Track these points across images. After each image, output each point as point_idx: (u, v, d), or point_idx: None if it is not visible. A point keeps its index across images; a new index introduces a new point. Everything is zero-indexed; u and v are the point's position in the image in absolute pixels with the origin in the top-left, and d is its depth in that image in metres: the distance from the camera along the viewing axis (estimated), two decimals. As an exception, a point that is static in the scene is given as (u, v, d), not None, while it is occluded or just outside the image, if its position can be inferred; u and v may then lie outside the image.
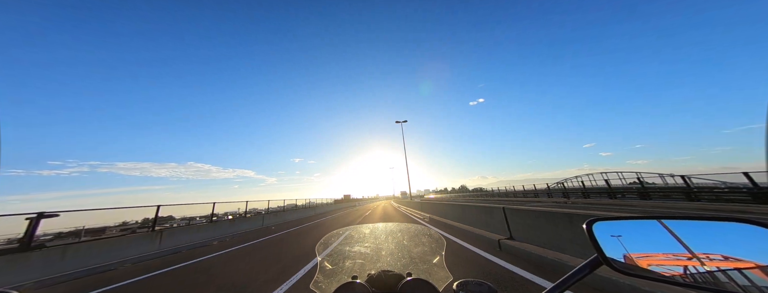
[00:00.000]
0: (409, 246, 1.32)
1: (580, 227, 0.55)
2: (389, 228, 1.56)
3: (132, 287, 4.67)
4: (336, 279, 1.11)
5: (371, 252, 1.33)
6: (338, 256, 1.29)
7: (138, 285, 4.78)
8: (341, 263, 1.23)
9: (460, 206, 9.43)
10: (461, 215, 8.80)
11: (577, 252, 3.74)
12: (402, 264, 1.19)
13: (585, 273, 0.55)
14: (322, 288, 1.05)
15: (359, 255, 1.30)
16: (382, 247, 1.36)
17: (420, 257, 1.22)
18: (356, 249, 1.36)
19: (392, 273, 0.97)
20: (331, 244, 1.38)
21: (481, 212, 7.22)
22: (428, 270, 1.13)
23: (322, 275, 1.13)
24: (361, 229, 1.59)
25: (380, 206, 36.37)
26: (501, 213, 5.88)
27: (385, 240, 1.43)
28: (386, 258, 1.26)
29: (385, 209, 25.54)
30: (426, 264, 1.18)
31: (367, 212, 22.05)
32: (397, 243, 1.37)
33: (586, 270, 0.55)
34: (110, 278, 5.40)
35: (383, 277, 0.95)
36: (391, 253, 1.29)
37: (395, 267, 1.12)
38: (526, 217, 5.02)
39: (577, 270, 0.56)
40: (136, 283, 4.89)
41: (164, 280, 4.93)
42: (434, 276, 1.07)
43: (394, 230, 1.53)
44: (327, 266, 1.20)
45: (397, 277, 0.95)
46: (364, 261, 1.24)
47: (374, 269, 1.09)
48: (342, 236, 1.50)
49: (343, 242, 1.43)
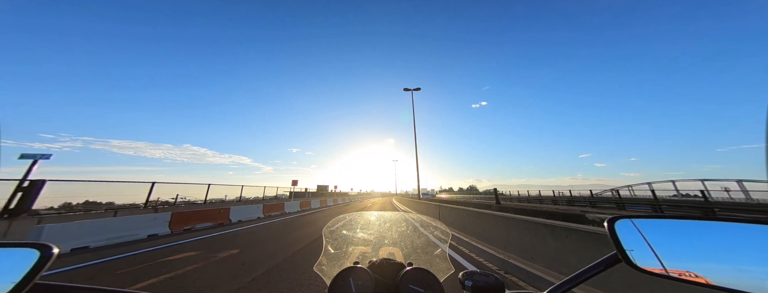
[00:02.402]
0: (412, 236, 1.33)
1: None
2: (394, 216, 1.58)
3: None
4: (338, 263, 1.13)
5: (374, 239, 1.34)
6: (342, 241, 1.30)
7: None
8: (345, 248, 1.25)
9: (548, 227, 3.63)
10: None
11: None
12: (404, 254, 1.20)
13: (599, 269, 0.55)
14: (325, 270, 1.07)
15: (362, 242, 1.31)
16: (385, 235, 1.37)
17: (422, 248, 1.24)
18: (360, 236, 1.37)
19: (393, 262, 0.98)
20: (337, 229, 1.41)
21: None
22: (430, 261, 1.14)
23: (325, 258, 1.15)
24: (367, 216, 1.62)
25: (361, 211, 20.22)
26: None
27: (388, 229, 1.44)
28: (388, 246, 1.27)
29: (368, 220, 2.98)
30: (428, 254, 1.19)
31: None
32: (401, 233, 1.38)
33: (600, 267, 0.55)
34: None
35: (384, 264, 0.96)
36: (393, 242, 1.31)
37: (396, 256, 1.13)
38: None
39: (592, 266, 0.55)
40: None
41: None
42: (436, 267, 1.08)
43: (399, 219, 1.55)
44: (330, 250, 1.22)
45: (398, 265, 0.96)
46: (365, 248, 1.26)
47: (376, 256, 1.10)
48: (348, 221, 1.53)
49: (348, 228, 1.45)
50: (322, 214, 14.31)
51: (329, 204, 25.51)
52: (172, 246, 6.18)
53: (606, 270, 0.52)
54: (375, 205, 26.46)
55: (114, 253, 5.36)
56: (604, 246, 3.00)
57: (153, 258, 5.02)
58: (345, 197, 40.75)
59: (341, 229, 1.42)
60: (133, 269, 4.26)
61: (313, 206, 20.26)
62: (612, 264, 0.50)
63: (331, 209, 19.89)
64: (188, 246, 6.09)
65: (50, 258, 0.44)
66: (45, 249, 0.44)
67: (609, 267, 0.51)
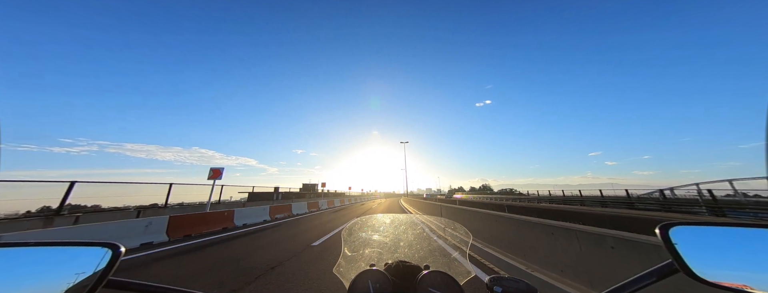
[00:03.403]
0: (429, 239, 1.30)
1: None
2: (410, 219, 1.56)
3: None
4: (355, 265, 1.12)
5: (390, 241, 1.32)
6: (359, 243, 1.30)
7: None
8: (362, 250, 1.24)
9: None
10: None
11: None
12: (420, 256, 1.18)
13: (651, 280, 0.51)
14: (343, 273, 1.07)
15: (378, 244, 1.30)
16: (401, 237, 1.35)
17: (440, 250, 1.21)
18: (376, 238, 1.36)
19: (410, 264, 0.96)
20: (355, 231, 1.41)
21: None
22: (448, 264, 1.11)
23: (344, 260, 1.16)
24: (383, 219, 1.60)
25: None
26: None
27: (404, 231, 1.42)
28: (404, 248, 1.25)
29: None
30: (446, 257, 1.16)
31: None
32: (417, 235, 1.36)
33: (653, 277, 0.50)
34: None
35: (401, 267, 0.94)
36: (409, 244, 1.28)
37: (413, 259, 1.11)
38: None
39: (642, 276, 0.51)
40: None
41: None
42: (454, 270, 1.05)
43: (415, 221, 1.52)
44: (347, 252, 1.21)
45: (415, 268, 0.94)
46: (382, 250, 1.24)
47: (392, 259, 1.09)
48: (364, 224, 1.53)
49: (365, 229, 1.45)
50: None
51: (312, 212, 16.24)
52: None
53: (659, 281, 0.48)
54: (380, 208, 22.07)
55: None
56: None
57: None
58: (344, 199, 30.37)
59: (358, 231, 1.42)
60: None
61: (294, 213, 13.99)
62: (667, 275, 0.46)
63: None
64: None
65: (120, 255, 0.47)
66: (115, 248, 0.47)
67: (663, 278, 0.47)
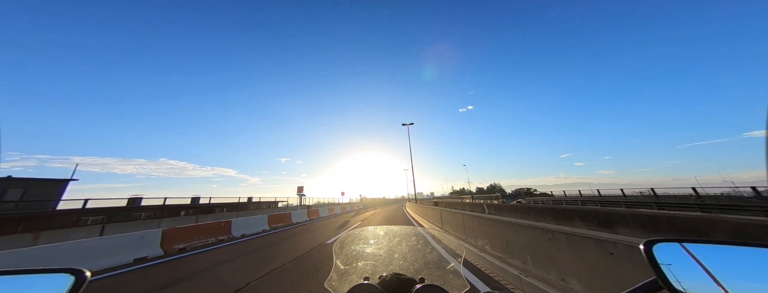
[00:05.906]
0: (424, 251, 1.29)
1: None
2: (404, 231, 1.54)
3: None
4: (348, 279, 1.10)
5: (384, 254, 1.30)
6: (352, 256, 1.27)
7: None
8: (354, 263, 1.22)
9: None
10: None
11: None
12: (414, 269, 1.16)
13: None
14: (335, 287, 1.05)
15: (372, 257, 1.28)
16: (395, 250, 1.33)
17: (435, 263, 1.19)
18: (370, 251, 1.34)
19: (405, 277, 0.95)
20: (347, 244, 1.38)
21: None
22: (442, 277, 1.10)
23: (336, 274, 1.13)
24: (376, 231, 1.58)
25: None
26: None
27: (399, 243, 1.40)
28: (399, 261, 1.23)
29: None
30: (440, 270, 1.15)
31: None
32: (411, 247, 1.34)
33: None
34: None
35: (395, 280, 0.93)
36: (404, 256, 1.26)
37: (408, 271, 1.09)
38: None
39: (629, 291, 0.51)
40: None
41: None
42: (449, 284, 1.04)
43: (409, 233, 1.51)
44: (340, 266, 1.19)
45: (410, 281, 0.93)
46: (376, 263, 1.22)
47: (386, 271, 1.07)
48: (357, 236, 1.50)
49: (357, 242, 1.42)
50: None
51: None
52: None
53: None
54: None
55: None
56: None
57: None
58: (329, 207, 21.90)
59: (350, 244, 1.39)
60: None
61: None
62: (651, 292, 0.46)
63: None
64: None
65: (84, 281, 0.44)
66: (78, 273, 0.45)
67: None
